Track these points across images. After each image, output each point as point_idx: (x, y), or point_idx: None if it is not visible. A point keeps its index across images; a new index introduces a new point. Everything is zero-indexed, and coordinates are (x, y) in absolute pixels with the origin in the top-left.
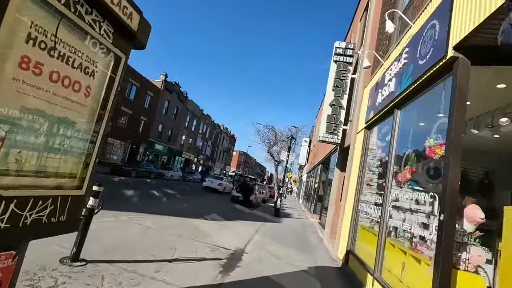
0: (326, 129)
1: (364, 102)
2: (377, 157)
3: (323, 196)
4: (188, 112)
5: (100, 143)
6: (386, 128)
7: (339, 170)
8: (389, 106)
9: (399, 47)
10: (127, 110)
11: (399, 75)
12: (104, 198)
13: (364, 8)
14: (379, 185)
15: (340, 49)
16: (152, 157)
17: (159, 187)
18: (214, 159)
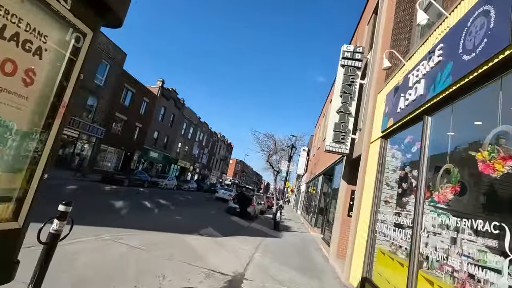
0: (333, 138)
1: (379, 108)
2: (398, 170)
3: (325, 209)
4: (184, 119)
5: (50, 151)
6: (411, 138)
7: (346, 183)
8: (417, 112)
9: (427, 44)
10: (122, 116)
11: (431, 76)
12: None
13: (373, 11)
14: (403, 204)
15: (348, 53)
16: (146, 165)
17: (152, 197)
18: (211, 168)
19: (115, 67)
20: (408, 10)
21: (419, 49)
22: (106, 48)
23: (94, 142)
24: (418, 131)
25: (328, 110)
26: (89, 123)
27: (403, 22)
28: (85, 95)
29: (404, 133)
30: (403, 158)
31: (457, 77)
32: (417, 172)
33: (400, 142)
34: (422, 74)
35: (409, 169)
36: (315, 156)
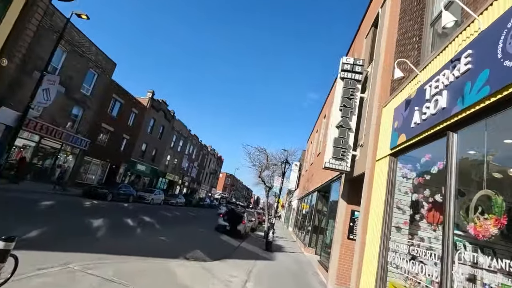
0: (333, 154)
1: (385, 123)
2: (414, 193)
3: (319, 228)
4: (174, 131)
5: None
6: (429, 156)
7: (346, 202)
8: (439, 127)
9: (447, 52)
10: (109, 127)
11: (456, 87)
12: (60, 232)
13: (372, 25)
14: (420, 231)
15: (348, 65)
16: (133, 178)
17: (136, 214)
18: (200, 181)
19: (103, 76)
20: (415, 20)
21: (435, 58)
22: (95, 57)
23: (78, 154)
24: (439, 149)
25: (321, 125)
26: (73, 133)
27: (410, 32)
28: (70, 104)
29: (420, 151)
30: (419, 179)
31: (497, 87)
32: (441, 197)
33: (415, 161)
34: (443, 85)
35: (428, 192)
36: (308, 172)
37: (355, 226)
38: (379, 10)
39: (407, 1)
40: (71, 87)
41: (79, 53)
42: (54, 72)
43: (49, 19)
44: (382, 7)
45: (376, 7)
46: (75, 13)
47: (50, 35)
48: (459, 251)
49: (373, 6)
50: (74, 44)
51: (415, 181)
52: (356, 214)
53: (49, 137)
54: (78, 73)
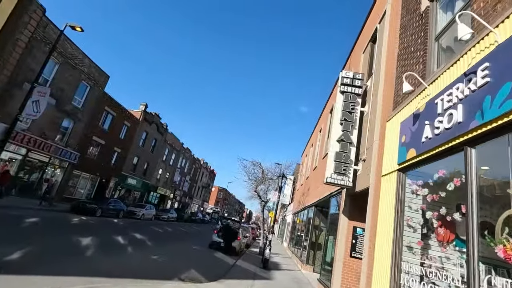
0: (335, 169)
1: (390, 138)
2: (428, 211)
3: (316, 243)
4: (167, 145)
5: None
6: (443, 172)
7: (347, 219)
8: (454, 142)
9: (459, 65)
10: (100, 140)
11: (473, 101)
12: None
13: (370, 40)
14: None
15: (348, 79)
16: (123, 193)
17: (126, 230)
18: (192, 195)
19: (96, 89)
20: (418, 34)
21: (445, 71)
22: (88, 70)
23: (66, 167)
24: (455, 165)
25: (317, 139)
26: (62, 146)
27: (412, 46)
28: (60, 116)
29: (432, 167)
30: (433, 196)
31: None
32: (460, 215)
33: (427, 177)
34: (457, 99)
35: (444, 211)
36: (303, 185)
37: (357, 244)
38: (377, 26)
39: (407, 17)
40: (62, 99)
41: (71, 65)
42: (45, 84)
43: (42, 31)
44: (381, 23)
45: (373, 23)
46: (69, 25)
47: (43, 46)
48: (488, 276)
49: (370, 22)
50: (67, 56)
51: (428, 198)
52: (358, 230)
53: (37, 150)
54: (70, 85)
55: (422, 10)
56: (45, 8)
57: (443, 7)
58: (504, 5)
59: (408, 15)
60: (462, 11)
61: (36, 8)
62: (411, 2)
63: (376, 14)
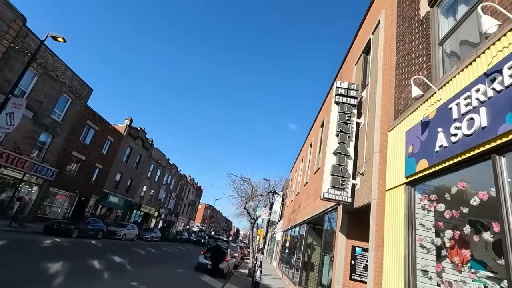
0: (332, 183)
1: (395, 149)
2: (447, 229)
3: (309, 263)
4: (152, 160)
5: None
6: (464, 185)
7: (345, 237)
8: (478, 150)
9: (477, 65)
10: (80, 155)
11: (501, 102)
12: (9, 281)
13: (362, 51)
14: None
15: (342, 90)
16: (104, 211)
17: (105, 253)
18: (178, 213)
19: (77, 102)
20: (419, 40)
21: (459, 74)
22: (70, 82)
23: (42, 185)
24: (479, 176)
25: (307, 153)
26: (38, 162)
27: (413, 53)
28: (38, 130)
29: (449, 178)
30: (452, 212)
31: None
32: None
33: (442, 191)
34: (479, 102)
35: (469, 229)
36: (293, 202)
37: (357, 265)
38: (371, 36)
39: (404, 25)
40: (41, 112)
41: (52, 77)
42: (22, 95)
43: (21, 41)
44: (374, 33)
45: (366, 34)
46: (51, 36)
47: (21, 57)
48: None
49: (363, 33)
50: (47, 68)
51: (447, 215)
52: (358, 250)
53: (9, 166)
54: (50, 98)
55: (422, 16)
56: (25, 18)
57: (444, 13)
58: None
59: (405, 22)
60: (484, 3)
61: (16, 18)
62: (408, 10)
63: (369, 25)
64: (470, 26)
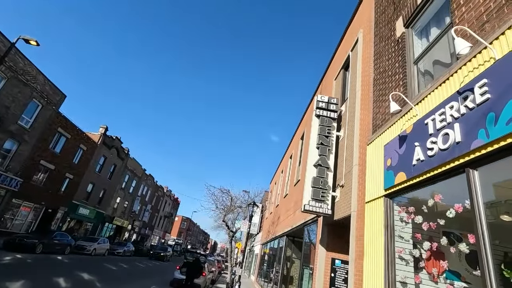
0: (313, 195)
1: (373, 162)
2: (425, 241)
3: (288, 277)
4: (127, 171)
5: None
6: (440, 198)
7: (325, 250)
8: (453, 164)
9: (450, 84)
10: (49, 164)
11: (472, 119)
12: None
13: (342, 67)
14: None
15: (323, 103)
16: (73, 224)
17: (72, 270)
18: (153, 226)
19: (48, 108)
20: (396, 59)
21: (433, 91)
22: (41, 87)
23: (4, 196)
24: (455, 189)
25: (287, 165)
26: (1, 171)
27: (390, 70)
28: (2, 137)
29: (426, 191)
30: (430, 224)
31: None
32: (467, 246)
33: (420, 203)
34: (453, 118)
35: (445, 240)
36: (273, 214)
37: (336, 278)
38: (350, 53)
39: (381, 44)
40: (7, 118)
41: (22, 81)
42: None
43: None
44: (353, 50)
45: (345, 50)
46: (23, 38)
47: None
48: None
49: (342, 50)
50: (17, 72)
51: (424, 227)
52: (337, 262)
53: None
54: (18, 103)
55: (398, 36)
56: None
57: (418, 34)
58: (494, 24)
59: (382, 41)
60: (456, 26)
61: None
62: (384, 30)
63: (348, 42)
64: (442, 47)
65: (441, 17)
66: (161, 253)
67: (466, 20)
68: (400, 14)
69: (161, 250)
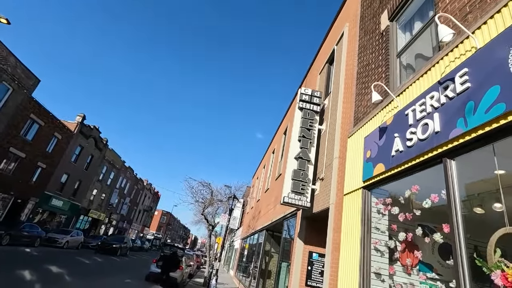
0: (292, 188)
1: (353, 154)
2: (401, 231)
3: (266, 271)
4: (105, 162)
5: None
6: (417, 188)
7: (303, 243)
8: (431, 154)
9: (431, 75)
10: (19, 152)
11: (452, 108)
12: None
13: (326, 61)
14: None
15: (306, 96)
16: (45, 216)
17: (41, 262)
18: (131, 220)
19: (20, 92)
20: (379, 52)
21: (415, 82)
22: (12, 70)
23: None
24: (431, 179)
25: (269, 160)
26: None
27: (373, 63)
28: None
29: (404, 182)
30: (405, 215)
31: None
32: (441, 236)
33: (397, 194)
34: (433, 108)
35: (420, 231)
36: (254, 209)
37: (313, 270)
38: (335, 47)
39: (366, 37)
40: None
41: None
42: None
43: None
44: (338, 44)
45: (331, 45)
46: None
47: None
48: None
49: (327, 44)
50: None
51: (400, 218)
52: (314, 256)
53: None
54: None
55: (383, 29)
56: None
57: (402, 28)
58: (476, 14)
59: (367, 35)
60: (440, 13)
61: None
62: (369, 23)
63: (334, 37)
64: (424, 41)
65: (424, 11)
66: (113, 244)
67: (450, 11)
68: (385, 7)
69: (115, 241)
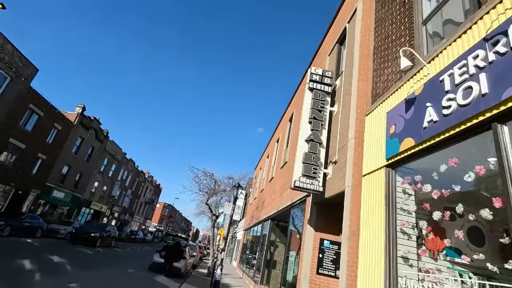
0: (304, 171)
1: (374, 131)
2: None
3: (272, 261)
4: (106, 154)
5: None
6: (455, 161)
7: (313, 230)
8: (476, 120)
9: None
10: (19, 143)
11: (504, 66)
12: None
13: (336, 41)
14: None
15: (317, 76)
16: (47, 208)
17: (42, 252)
18: (133, 212)
19: (18, 82)
20: (401, 21)
21: (450, 45)
22: (9, 58)
23: None
24: (475, 149)
25: (273, 149)
26: None
27: (394, 34)
28: None
29: (438, 156)
30: (441, 192)
31: None
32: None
33: (428, 171)
34: (477, 68)
35: (461, 208)
36: (257, 199)
37: (325, 258)
38: (346, 25)
39: (384, 9)
40: None
41: None
42: None
43: None
44: (350, 22)
45: (341, 23)
46: None
47: None
48: None
49: (338, 22)
50: None
51: (434, 195)
52: (326, 243)
53: None
54: None
55: None
56: None
57: None
58: None
59: (385, 7)
60: None
61: None
62: None
63: (345, 14)
64: (454, 4)
65: None
66: (91, 233)
67: None
68: None
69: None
